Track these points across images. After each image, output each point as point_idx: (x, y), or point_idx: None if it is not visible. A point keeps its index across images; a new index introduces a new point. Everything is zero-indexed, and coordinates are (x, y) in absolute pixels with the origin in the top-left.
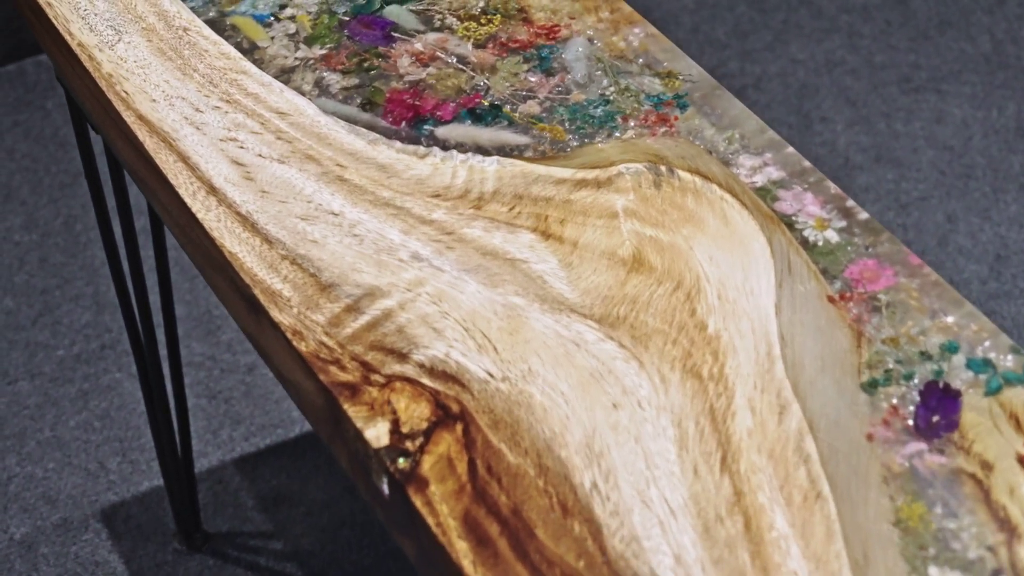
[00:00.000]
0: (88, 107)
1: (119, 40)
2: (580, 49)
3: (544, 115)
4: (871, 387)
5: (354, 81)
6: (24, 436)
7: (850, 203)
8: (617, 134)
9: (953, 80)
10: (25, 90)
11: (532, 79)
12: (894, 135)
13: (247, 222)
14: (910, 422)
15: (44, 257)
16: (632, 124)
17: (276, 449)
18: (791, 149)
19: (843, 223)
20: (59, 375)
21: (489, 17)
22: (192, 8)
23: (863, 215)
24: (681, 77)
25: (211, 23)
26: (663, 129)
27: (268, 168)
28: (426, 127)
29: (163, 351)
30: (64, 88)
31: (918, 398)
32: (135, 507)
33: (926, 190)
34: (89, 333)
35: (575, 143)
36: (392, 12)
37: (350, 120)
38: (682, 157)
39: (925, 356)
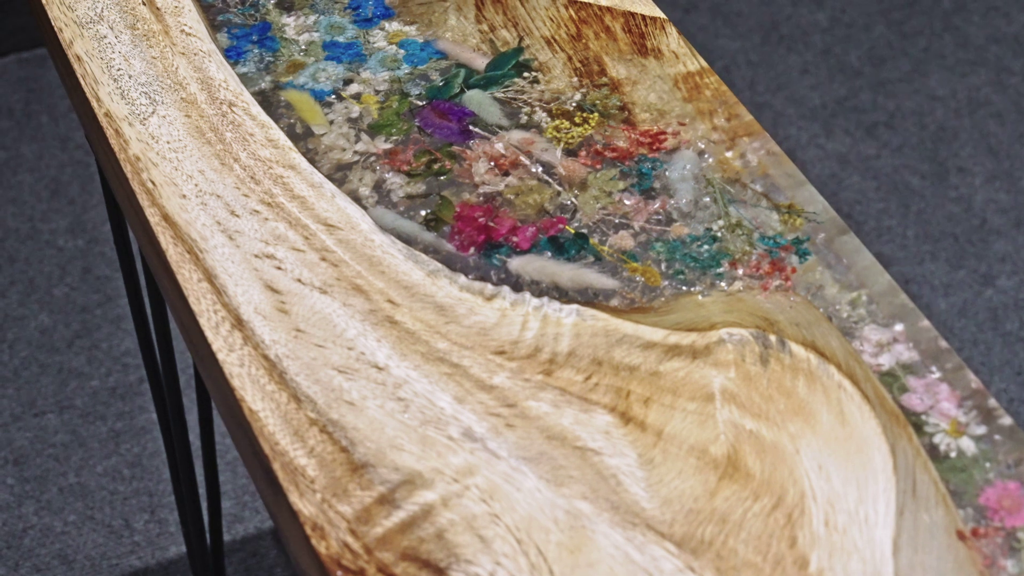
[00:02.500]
0: (114, 188)
1: (153, 112)
2: (687, 167)
3: (638, 250)
4: None
5: (420, 188)
6: (46, 480)
7: (992, 402)
8: (722, 284)
9: None
10: None
11: (628, 201)
12: None
13: (275, 370)
14: None
15: (88, 268)
16: (741, 272)
17: None
18: (926, 323)
19: (982, 429)
20: (91, 410)
21: (585, 115)
22: (243, 75)
23: (1006, 420)
24: (804, 214)
25: (262, 97)
26: (777, 282)
27: (307, 299)
28: (498, 256)
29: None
30: (94, 153)
31: None
32: None
33: None
34: (128, 363)
35: (671, 291)
36: (473, 100)
37: (410, 240)
38: (796, 324)
39: None
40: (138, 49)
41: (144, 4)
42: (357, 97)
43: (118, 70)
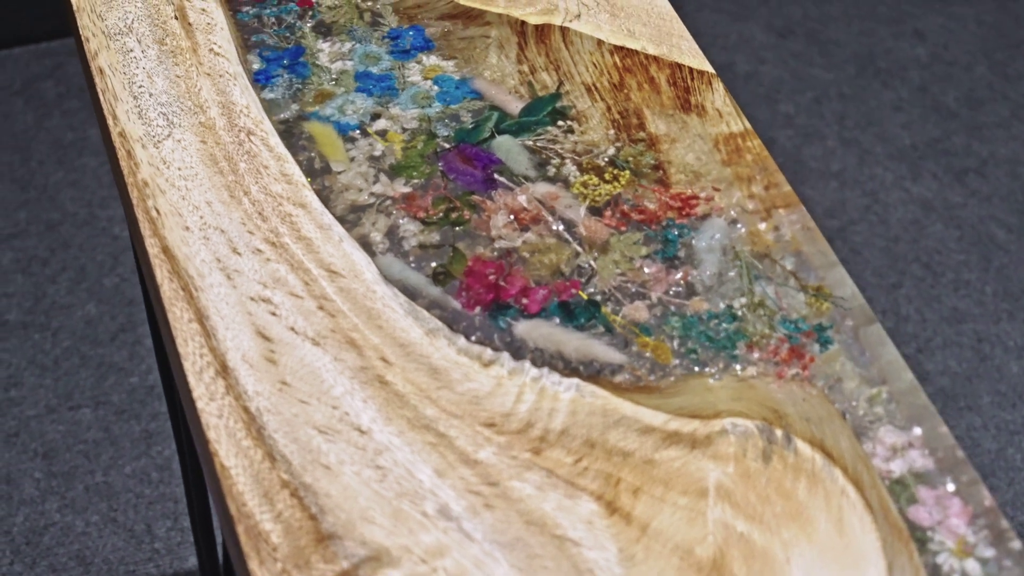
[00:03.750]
0: (124, 209)
1: (169, 135)
2: (717, 236)
3: (652, 323)
4: None
5: (434, 237)
6: (73, 477)
7: (1004, 523)
8: (736, 367)
9: None
10: None
11: (648, 269)
12: None
13: (254, 424)
14: None
15: None
16: (757, 356)
17: None
18: (945, 429)
19: (991, 551)
20: (126, 407)
21: (616, 172)
22: (269, 101)
23: (1017, 544)
24: (832, 298)
25: (285, 126)
26: (794, 371)
27: (298, 350)
28: (505, 319)
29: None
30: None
31: None
32: None
33: None
34: None
35: (681, 370)
36: (502, 146)
37: (415, 294)
38: (807, 419)
39: None
40: (163, 66)
41: (176, 18)
42: (383, 134)
43: (139, 87)
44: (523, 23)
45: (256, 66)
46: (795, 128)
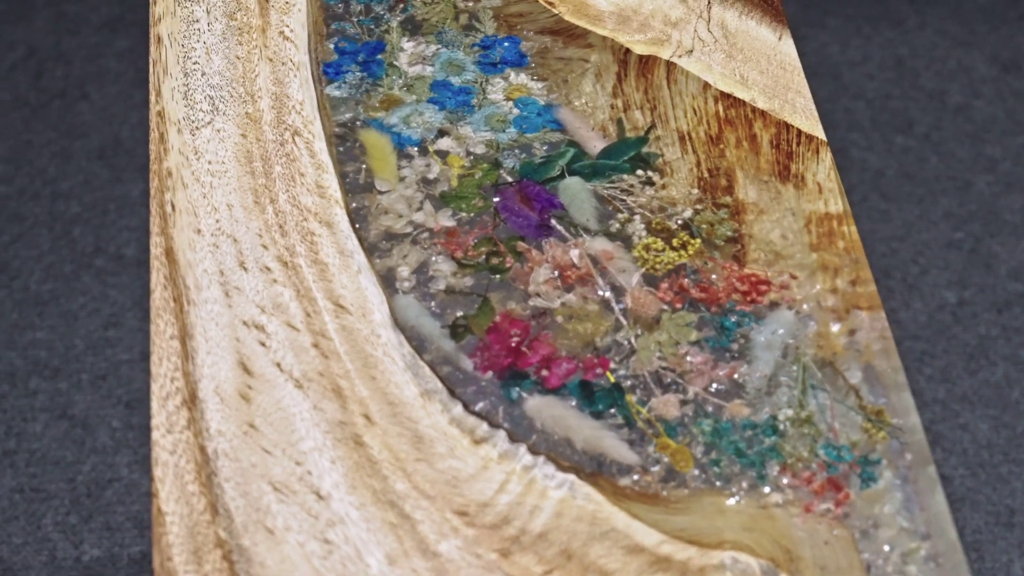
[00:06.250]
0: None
1: (210, 122)
2: (780, 332)
3: (678, 423)
4: None
5: (466, 282)
6: (148, 432)
7: None
8: (764, 490)
9: None
10: None
11: (693, 358)
12: None
13: (206, 468)
14: None
15: None
16: (787, 481)
17: None
18: None
19: None
20: None
21: (687, 239)
22: (332, 98)
23: None
24: (890, 427)
25: (340, 129)
26: (826, 506)
27: (277, 390)
28: (517, 390)
29: None
30: None
31: None
32: None
33: None
34: None
35: (697, 483)
36: (569, 188)
37: (424, 345)
38: (822, 568)
39: None
40: (225, 43)
41: None
42: (443, 155)
43: (194, 63)
44: (627, 51)
45: (330, 56)
46: (997, 174)
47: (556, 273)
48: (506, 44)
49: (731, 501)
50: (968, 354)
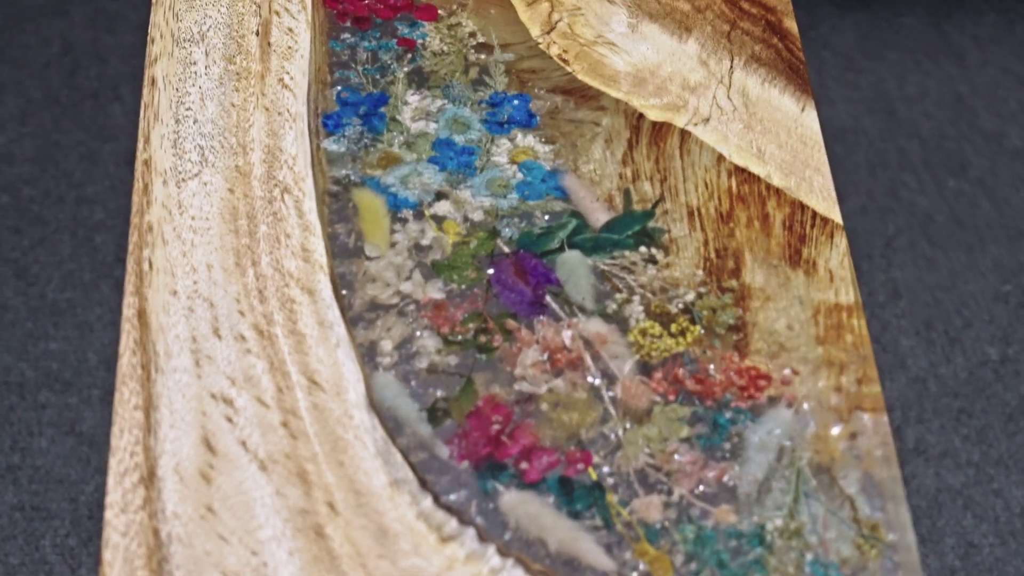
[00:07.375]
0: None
1: (197, 174)
2: (776, 432)
3: (661, 528)
4: None
5: (450, 360)
6: None
7: None
8: None
9: None
10: None
11: (683, 456)
12: None
13: (157, 554)
14: None
15: None
16: None
17: None
18: None
19: None
20: None
21: (686, 325)
22: (333, 154)
23: None
24: (883, 544)
25: (334, 186)
26: None
27: (240, 471)
28: (493, 482)
29: None
30: None
31: None
32: None
33: None
34: None
35: None
36: (567, 263)
37: (399, 429)
38: None
39: None
40: (222, 89)
41: (257, 33)
42: (440, 220)
43: (187, 109)
44: (640, 116)
45: (330, 106)
46: None
47: (546, 356)
48: (516, 102)
49: None
50: (1008, 415)
